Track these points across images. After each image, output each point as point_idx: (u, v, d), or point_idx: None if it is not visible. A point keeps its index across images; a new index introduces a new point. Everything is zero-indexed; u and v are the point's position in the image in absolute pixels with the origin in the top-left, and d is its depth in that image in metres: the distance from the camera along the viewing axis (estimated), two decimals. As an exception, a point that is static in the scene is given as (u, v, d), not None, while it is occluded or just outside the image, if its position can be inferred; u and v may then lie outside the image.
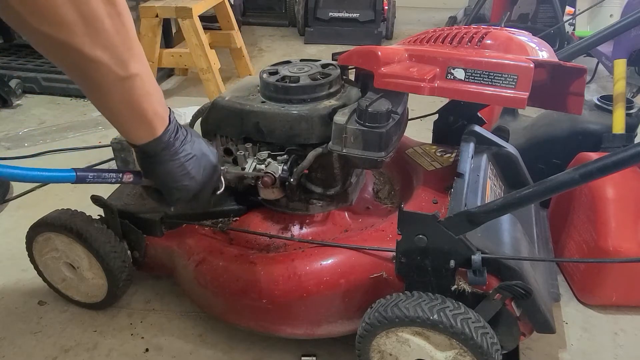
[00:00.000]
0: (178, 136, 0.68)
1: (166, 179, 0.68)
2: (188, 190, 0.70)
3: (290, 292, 0.84)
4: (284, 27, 3.44)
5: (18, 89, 2.16)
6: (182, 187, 0.69)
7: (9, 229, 1.35)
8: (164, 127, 0.65)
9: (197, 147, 0.71)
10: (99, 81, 0.56)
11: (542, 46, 0.91)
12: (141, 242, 1.01)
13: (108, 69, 0.55)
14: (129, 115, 0.61)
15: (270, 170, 0.88)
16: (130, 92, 0.59)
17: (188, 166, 0.69)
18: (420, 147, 1.12)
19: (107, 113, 0.61)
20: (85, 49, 0.53)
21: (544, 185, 0.65)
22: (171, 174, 0.68)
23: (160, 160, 0.66)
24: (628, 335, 1.02)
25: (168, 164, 0.67)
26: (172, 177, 0.68)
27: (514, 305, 0.77)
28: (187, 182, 0.69)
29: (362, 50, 0.94)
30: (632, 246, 0.99)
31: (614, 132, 1.14)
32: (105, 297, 1.04)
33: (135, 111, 0.61)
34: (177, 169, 0.68)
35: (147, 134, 0.64)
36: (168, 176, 0.68)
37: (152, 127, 0.63)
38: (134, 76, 0.58)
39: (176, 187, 0.69)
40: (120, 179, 0.68)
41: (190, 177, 0.70)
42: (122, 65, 0.56)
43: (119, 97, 0.59)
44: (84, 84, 0.58)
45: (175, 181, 0.68)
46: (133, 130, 0.63)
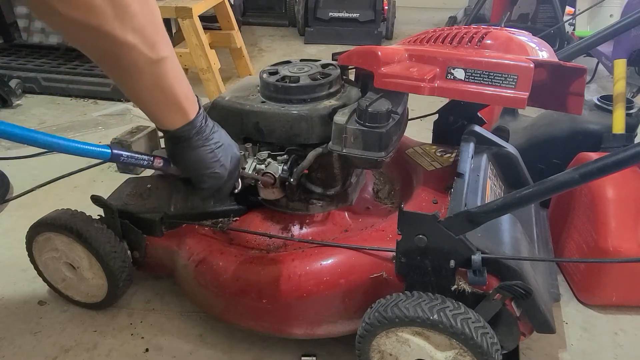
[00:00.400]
0: (207, 123, 0.68)
1: (198, 166, 0.68)
2: (219, 177, 0.70)
3: (290, 292, 0.84)
4: (284, 27, 3.44)
5: (18, 89, 2.16)
6: (214, 174, 0.69)
7: (9, 229, 1.35)
8: (196, 112, 0.65)
9: (224, 136, 0.72)
10: (131, 65, 0.57)
11: (542, 46, 0.91)
12: (141, 242, 1.01)
13: (139, 52, 0.56)
14: (162, 99, 0.61)
15: (270, 170, 0.88)
16: (162, 75, 0.59)
17: (218, 153, 0.69)
18: (420, 147, 1.12)
19: (140, 99, 0.62)
20: (116, 32, 0.53)
21: (544, 185, 0.65)
22: (203, 160, 0.67)
23: (193, 146, 0.66)
24: (628, 335, 1.02)
25: (200, 150, 0.67)
26: (203, 164, 0.68)
27: (514, 305, 0.77)
28: (218, 170, 0.69)
29: (362, 50, 0.94)
30: (632, 246, 0.99)
31: (614, 132, 1.14)
32: (105, 297, 1.04)
33: (167, 95, 0.61)
34: (209, 155, 0.67)
35: (180, 118, 0.64)
36: (200, 163, 0.68)
37: (184, 111, 0.64)
38: (165, 59, 0.59)
39: (207, 174, 0.69)
40: (151, 162, 0.68)
41: (220, 165, 0.70)
42: (152, 48, 0.57)
43: (151, 81, 0.59)
44: (117, 71, 0.58)
45: (206, 167, 0.68)
46: (166, 115, 0.63)
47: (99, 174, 1.62)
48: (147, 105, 0.63)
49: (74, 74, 2.23)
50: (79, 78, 2.20)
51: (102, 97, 2.20)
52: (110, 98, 2.19)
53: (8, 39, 2.62)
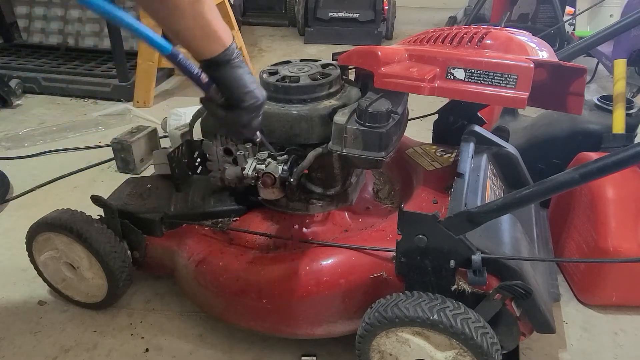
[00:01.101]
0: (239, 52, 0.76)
1: (240, 84, 0.74)
2: (256, 98, 0.76)
3: (290, 292, 0.84)
4: (284, 27, 3.45)
5: (18, 89, 2.16)
6: (252, 93, 0.75)
7: (9, 229, 1.35)
8: (231, 39, 0.74)
9: None
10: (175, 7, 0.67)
11: (542, 46, 0.91)
12: (141, 242, 1.01)
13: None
14: (202, 35, 0.70)
15: (270, 170, 0.88)
16: (201, 11, 0.68)
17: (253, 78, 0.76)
18: (420, 147, 1.12)
19: (183, 34, 0.70)
20: None
21: (544, 185, 0.65)
22: (243, 78, 0.74)
23: (234, 66, 0.74)
24: (628, 335, 1.02)
25: (239, 70, 0.74)
26: (243, 82, 0.74)
27: (514, 305, 0.77)
28: (256, 91, 0.76)
29: (362, 50, 0.94)
30: (632, 246, 0.99)
31: (614, 132, 1.14)
32: (105, 297, 1.04)
33: (207, 30, 0.70)
34: (248, 76, 0.75)
35: (220, 46, 0.72)
36: (241, 80, 0.74)
37: (222, 40, 0.72)
38: None
39: (247, 92, 0.75)
40: (199, 75, 0.73)
41: (257, 87, 0.76)
42: None
43: (192, 20, 0.68)
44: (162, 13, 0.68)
45: (246, 86, 0.75)
46: (207, 46, 0.72)
47: (99, 174, 1.62)
48: (189, 39, 0.71)
49: (74, 74, 2.23)
50: (79, 78, 2.21)
51: (102, 97, 2.20)
52: (110, 98, 2.19)
53: (8, 39, 2.62)
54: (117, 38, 2.08)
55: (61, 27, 2.51)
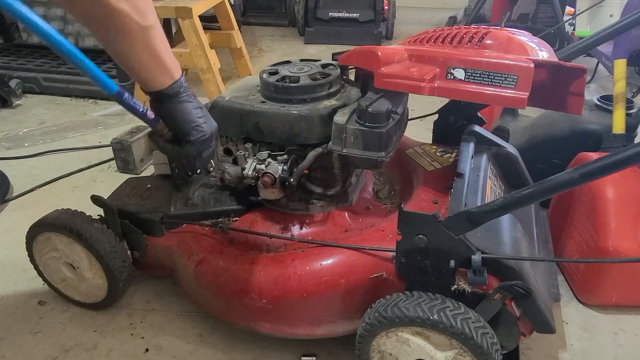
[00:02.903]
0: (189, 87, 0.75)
1: (186, 118, 0.74)
2: (203, 132, 0.75)
3: (290, 292, 0.84)
4: (284, 27, 3.44)
5: (18, 89, 2.16)
6: (199, 127, 0.75)
7: (9, 229, 1.35)
8: (180, 73, 0.73)
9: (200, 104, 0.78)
10: (123, 32, 0.64)
11: (542, 46, 0.91)
12: (141, 242, 1.01)
13: (130, 19, 0.63)
14: (151, 62, 0.68)
15: (270, 170, 0.88)
16: (151, 40, 0.66)
17: (202, 112, 0.76)
18: (420, 147, 1.12)
19: (130, 63, 0.68)
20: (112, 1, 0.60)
21: (544, 185, 0.65)
22: (189, 113, 0.74)
23: (180, 100, 0.73)
24: (628, 335, 1.02)
25: (186, 104, 0.73)
26: (190, 117, 0.74)
27: (514, 305, 0.77)
28: (203, 125, 0.75)
29: (362, 50, 0.94)
30: (632, 246, 0.99)
31: (614, 132, 1.14)
32: (105, 297, 1.04)
33: (155, 58, 0.68)
34: (194, 110, 0.74)
35: (168, 78, 0.71)
36: (187, 115, 0.74)
37: (171, 72, 0.71)
38: (152, 26, 0.66)
39: (194, 127, 0.74)
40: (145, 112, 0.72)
41: (204, 121, 0.76)
42: (142, 15, 0.64)
43: (141, 46, 0.66)
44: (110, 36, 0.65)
45: (193, 121, 0.74)
46: (154, 76, 0.70)
47: (99, 174, 1.62)
48: (137, 68, 0.69)
49: (74, 74, 2.23)
50: (79, 78, 2.20)
51: (102, 97, 2.20)
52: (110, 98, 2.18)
53: (8, 39, 2.62)
54: (117, 38, 2.08)
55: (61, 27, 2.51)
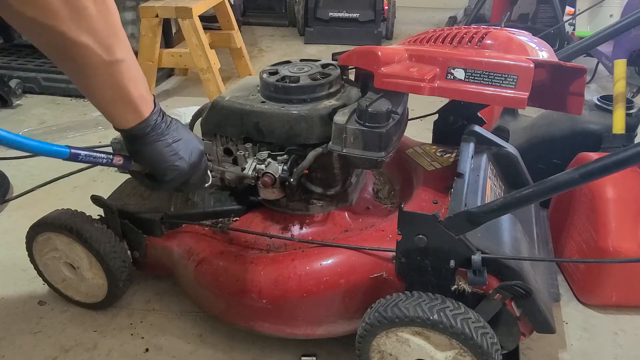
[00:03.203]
0: (165, 119, 0.69)
1: (157, 160, 0.69)
2: (179, 170, 0.71)
3: (290, 292, 0.84)
4: (284, 27, 3.44)
5: (18, 89, 2.16)
6: (173, 167, 0.70)
7: (9, 229, 1.35)
8: (150, 110, 0.66)
9: (182, 132, 0.72)
10: (85, 65, 0.58)
11: (542, 46, 0.91)
12: (141, 242, 1.01)
13: (93, 53, 0.57)
14: (116, 99, 0.62)
15: (270, 170, 0.88)
16: (116, 76, 0.60)
17: (176, 147, 0.70)
18: (420, 147, 1.12)
19: (94, 98, 0.63)
20: (71, 34, 0.54)
21: (544, 185, 0.65)
22: (160, 154, 0.68)
23: (149, 141, 0.67)
24: (628, 335, 1.02)
25: (156, 145, 0.68)
26: (162, 157, 0.69)
27: (514, 305, 0.77)
28: (178, 162, 0.70)
29: (362, 50, 0.94)
30: (632, 246, 0.99)
31: (614, 132, 1.14)
32: (105, 297, 1.04)
33: (121, 95, 0.62)
34: (166, 149, 0.69)
35: (134, 116, 0.65)
36: (158, 157, 0.69)
37: (138, 110, 0.64)
38: (120, 61, 0.59)
39: (167, 167, 0.70)
40: (111, 161, 0.68)
41: (179, 157, 0.70)
42: (107, 50, 0.57)
43: (104, 81, 0.60)
44: (70, 68, 0.59)
45: (165, 161, 0.69)
46: (120, 114, 0.64)
47: (99, 174, 1.62)
48: (101, 104, 0.64)
49: (74, 74, 2.22)
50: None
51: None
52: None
53: (8, 39, 2.62)
54: (117, 38, 2.08)
55: None
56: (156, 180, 0.73)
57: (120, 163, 0.70)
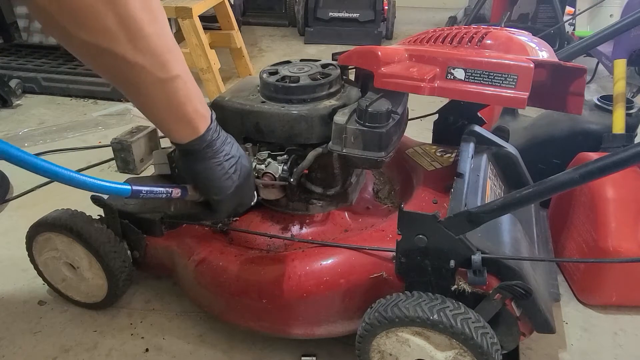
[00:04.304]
0: (219, 136, 0.69)
1: (207, 177, 0.69)
2: (226, 190, 0.71)
3: (290, 292, 0.84)
4: (284, 27, 3.45)
5: (18, 89, 2.16)
6: (221, 187, 0.70)
7: (9, 229, 1.35)
8: (206, 126, 0.66)
9: (235, 149, 0.73)
10: (141, 85, 0.58)
11: (542, 46, 0.91)
12: (141, 242, 1.01)
13: (149, 73, 0.57)
14: (172, 116, 0.63)
15: (270, 170, 0.88)
16: (172, 93, 0.60)
17: (227, 166, 0.70)
18: (420, 147, 1.12)
19: (150, 115, 0.63)
20: (127, 55, 0.54)
21: (544, 185, 0.65)
22: (211, 171, 0.69)
23: (202, 158, 0.68)
24: (628, 335, 1.02)
25: (209, 162, 0.68)
26: (212, 175, 0.69)
27: (514, 305, 0.77)
28: (225, 182, 0.71)
29: (362, 50, 0.94)
30: (632, 246, 0.99)
31: (614, 132, 1.14)
32: (105, 297, 1.04)
33: (177, 112, 0.62)
34: (217, 167, 0.69)
35: (190, 133, 0.65)
36: (208, 173, 0.69)
37: (194, 126, 0.64)
38: (175, 78, 0.59)
39: (215, 185, 0.70)
40: (170, 194, 0.69)
41: (228, 177, 0.71)
42: (163, 68, 0.58)
43: (161, 99, 0.60)
44: (126, 88, 0.59)
45: (214, 179, 0.70)
46: (176, 130, 0.65)
47: (98, 174, 1.61)
48: (157, 120, 0.64)
49: (74, 74, 2.23)
50: (79, 78, 2.20)
51: (102, 97, 2.20)
52: (110, 98, 2.19)
53: (8, 39, 2.62)
54: (117, 38, 2.08)
55: None
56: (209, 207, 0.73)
57: (179, 195, 0.70)
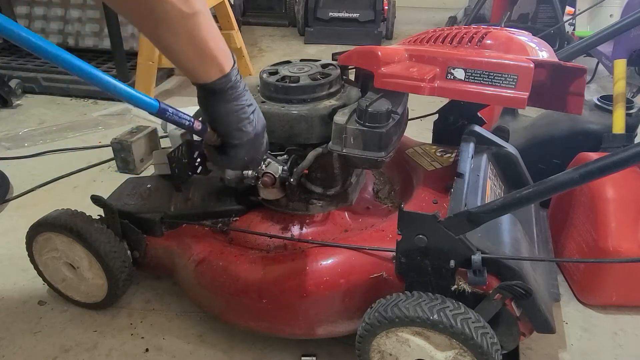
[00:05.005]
0: (241, 80, 0.69)
1: (229, 120, 0.68)
2: (246, 136, 0.70)
3: (290, 292, 0.84)
4: (284, 27, 3.44)
5: (18, 89, 2.16)
6: (242, 132, 0.70)
7: (9, 229, 1.35)
8: (231, 66, 0.66)
9: (252, 99, 0.72)
10: (166, 20, 0.58)
11: (542, 46, 0.91)
12: (141, 242, 1.01)
13: (173, 6, 0.58)
14: (197, 53, 0.63)
15: (270, 170, 0.88)
16: (196, 29, 0.60)
17: (249, 111, 0.70)
18: (420, 147, 1.12)
19: (175, 54, 0.63)
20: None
21: (544, 185, 0.65)
22: (234, 114, 0.68)
23: (227, 99, 0.67)
24: (628, 335, 1.02)
25: (232, 104, 0.68)
26: (234, 118, 0.68)
27: (514, 305, 0.77)
28: (247, 127, 0.70)
29: (362, 50, 0.94)
30: (632, 246, 0.99)
31: (614, 132, 1.14)
32: (105, 297, 1.04)
33: (202, 49, 0.62)
34: (240, 110, 0.68)
35: (216, 71, 0.65)
36: (231, 116, 0.68)
37: (219, 64, 0.65)
38: (198, 13, 0.60)
39: (237, 128, 0.69)
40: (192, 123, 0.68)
41: (249, 122, 0.70)
42: (186, 2, 0.58)
43: (185, 35, 0.60)
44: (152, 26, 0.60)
45: (236, 122, 0.69)
46: (201, 69, 0.64)
47: (99, 174, 1.62)
48: (182, 59, 0.63)
49: (74, 74, 2.23)
50: (78, 78, 2.20)
51: (102, 97, 2.20)
52: (110, 98, 2.18)
53: (8, 39, 2.61)
54: (117, 38, 2.08)
55: (61, 27, 2.51)
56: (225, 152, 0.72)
57: (199, 128, 0.69)
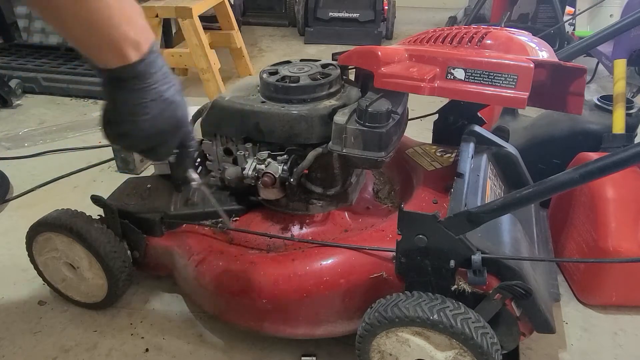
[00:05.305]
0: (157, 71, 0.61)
1: (122, 109, 0.61)
2: (139, 129, 0.62)
3: (290, 292, 0.84)
4: (284, 27, 3.44)
5: (18, 89, 2.16)
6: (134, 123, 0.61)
7: (9, 229, 1.35)
8: (139, 56, 0.58)
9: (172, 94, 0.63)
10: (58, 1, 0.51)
11: (542, 46, 0.91)
12: (141, 242, 1.01)
13: None
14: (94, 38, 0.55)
15: (270, 170, 0.88)
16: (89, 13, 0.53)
17: (151, 105, 0.61)
18: (420, 147, 1.12)
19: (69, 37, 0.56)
20: None
21: (544, 185, 0.65)
22: (130, 104, 0.60)
23: (127, 88, 0.60)
24: (628, 335, 1.02)
25: (133, 95, 0.60)
26: (128, 109, 0.61)
27: (514, 305, 0.77)
28: (141, 122, 0.61)
29: (362, 50, 0.94)
30: (632, 246, 0.99)
31: (614, 132, 1.14)
32: (105, 297, 1.04)
33: (98, 35, 0.54)
34: (139, 105, 0.60)
35: (116, 59, 0.57)
36: (125, 106, 0.61)
37: (121, 52, 0.56)
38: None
39: (128, 120, 0.62)
40: None
41: (146, 116, 0.61)
42: None
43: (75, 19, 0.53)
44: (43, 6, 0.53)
45: (129, 114, 0.61)
46: (99, 54, 0.57)
47: (99, 174, 1.62)
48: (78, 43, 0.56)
49: (74, 74, 2.23)
50: (79, 78, 2.20)
51: (102, 97, 2.19)
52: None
53: (8, 39, 2.62)
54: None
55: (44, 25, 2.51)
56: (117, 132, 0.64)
57: None
